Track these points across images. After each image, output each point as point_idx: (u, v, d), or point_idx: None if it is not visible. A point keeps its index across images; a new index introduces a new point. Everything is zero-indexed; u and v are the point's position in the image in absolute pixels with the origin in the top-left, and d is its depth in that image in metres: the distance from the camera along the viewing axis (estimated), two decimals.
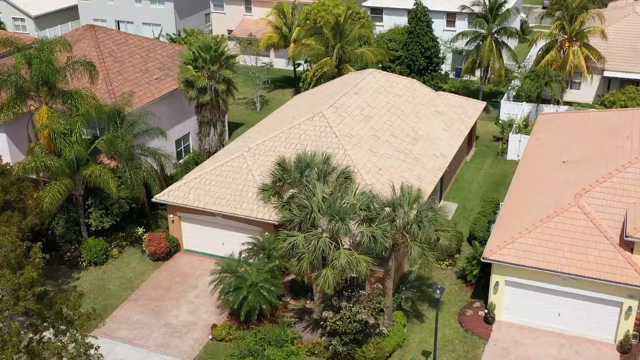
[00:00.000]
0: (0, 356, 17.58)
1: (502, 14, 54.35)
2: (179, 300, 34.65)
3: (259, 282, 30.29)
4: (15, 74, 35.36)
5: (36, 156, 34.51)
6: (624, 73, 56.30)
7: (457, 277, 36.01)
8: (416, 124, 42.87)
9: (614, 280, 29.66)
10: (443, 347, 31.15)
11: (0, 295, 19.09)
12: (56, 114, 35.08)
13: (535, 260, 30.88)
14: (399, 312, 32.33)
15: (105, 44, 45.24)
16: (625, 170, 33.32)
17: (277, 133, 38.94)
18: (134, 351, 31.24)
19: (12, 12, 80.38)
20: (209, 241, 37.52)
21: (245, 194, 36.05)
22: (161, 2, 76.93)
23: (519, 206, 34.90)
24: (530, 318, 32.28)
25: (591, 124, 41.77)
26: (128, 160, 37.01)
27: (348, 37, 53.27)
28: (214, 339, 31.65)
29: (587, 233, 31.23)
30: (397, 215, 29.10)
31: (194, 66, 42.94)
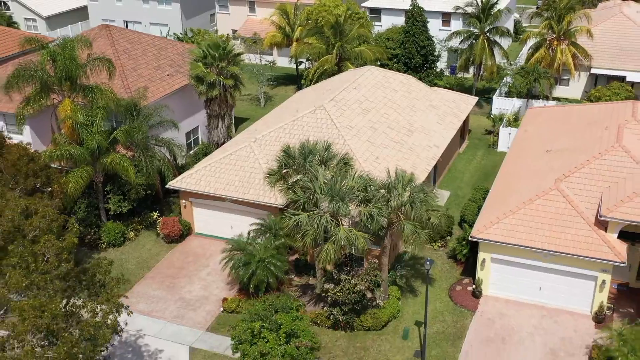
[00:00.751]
0: (48, 308, 20.54)
1: (493, 14, 57.30)
2: (192, 278, 37.65)
3: (267, 258, 33.28)
4: (41, 69, 38.35)
5: (60, 145, 37.46)
6: (610, 70, 59.22)
7: (448, 257, 38.98)
8: (411, 117, 45.85)
9: (589, 255, 32.61)
10: (434, 318, 34.12)
11: (46, 257, 22.11)
12: (78, 107, 38.07)
13: (519, 238, 33.86)
14: (394, 287, 35.31)
15: (120, 42, 48.25)
16: (602, 158, 36.27)
17: (282, 125, 41.92)
18: (152, 322, 34.23)
19: (24, 13, 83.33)
20: (218, 224, 40.49)
21: (253, 180, 39.03)
22: (168, 3, 79.89)
23: (505, 191, 37.90)
24: (514, 292, 35.23)
25: (574, 117, 44.74)
26: (144, 149, 39.98)
27: (348, 36, 56.23)
28: (225, 311, 34.66)
29: (565, 214, 34.20)
30: (391, 197, 32.08)
31: (204, 63, 45.95)
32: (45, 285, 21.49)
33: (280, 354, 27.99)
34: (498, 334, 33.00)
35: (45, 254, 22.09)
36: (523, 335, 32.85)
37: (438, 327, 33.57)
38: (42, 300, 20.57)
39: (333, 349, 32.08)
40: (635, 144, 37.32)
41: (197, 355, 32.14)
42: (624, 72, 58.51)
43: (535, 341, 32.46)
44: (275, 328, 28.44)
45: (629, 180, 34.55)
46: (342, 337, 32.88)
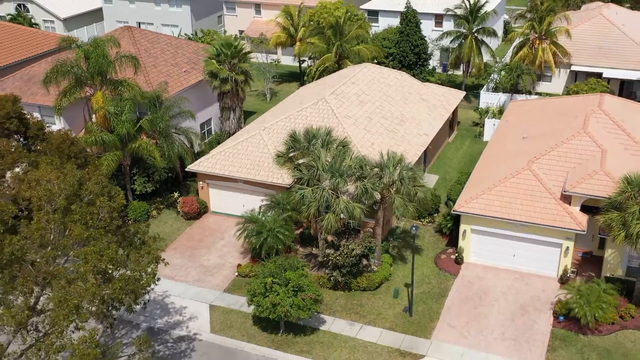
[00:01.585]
0: (106, 253, 25.63)
1: (481, 16, 62.49)
2: (210, 249, 42.82)
3: (276, 228, 38.42)
4: (76, 66, 43.53)
5: (94, 132, 42.63)
6: (589, 67, 64.38)
7: (435, 231, 44.14)
8: (404, 108, 51.01)
9: (555, 225, 37.77)
10: (421, 281, 39.26)
11: (100, 215, 27.20)
12: (110, 98, 43.26)
13: (495, 211, 39.01)
14: (387, 255, 40.45)
15: (141, 42, 53.42)
16: (569, 142, 41.46)
17: (288, 115, 47.08)
18: (176, 285, 39.40)
19: (42, 15, 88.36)
20: (232, 203, 45.62)
21: (262, 163, 44.17)
22: (179, 5, 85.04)
23: (485, 172, 43.09)
24: (491, 259, 40.38)
25: (550, 108, 49.91)
26: (165, 137, 45.14)
27: (347, 36, 61.39)
28: (239, 275, 39.83)
29: (535, 190, 39.35)
30: (383, 174, 37.22)
31: (217, 60, 51.12)
32: (100, 237, 26.63)
33: (288, 304, 33.14)
34: (476, 293, 38.16)
35: (100, 213, 27.24)
36: (497, 294, 38.00)
37: (424, 288, 38.71)
38: (101, 246, 25.72)
39: (333, 306, 37.24)
40: (599, 130, 42.49)
41: (216, 311, 37.33)
42: (601, 69, 63.65)
43: (508, 299, 37.61)
44: (284, 283, 33.59)
45: (590, 161, 39.73)
46: (341, 296, 38.05)
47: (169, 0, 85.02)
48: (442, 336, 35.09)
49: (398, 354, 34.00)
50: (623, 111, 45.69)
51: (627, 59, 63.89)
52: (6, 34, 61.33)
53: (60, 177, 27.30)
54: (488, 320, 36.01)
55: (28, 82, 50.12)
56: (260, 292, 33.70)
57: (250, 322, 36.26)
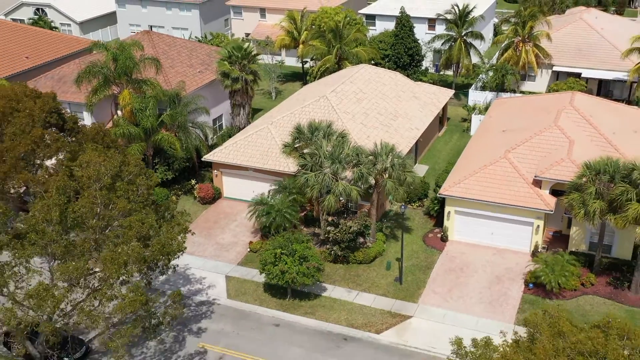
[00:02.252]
0: (146, 221, 31.08)
1: (469, 21, 67.93)
2: (224, 229, 48.33)
3: (283, 208, 43.91)
4: (106, 67, 49.03)
5: (121, 125, 48.12)
6: (569, 68, 69.86)
7: (424, 214, 49.63)
8: (397, 105, 56.50)
9: (527, 206, 43.26)
10: (410, 256, 44.75)
11: (140, 191, 32.64)
12: (135, 96, 48.76)
13: (475, 194, 44.50)
14: (381, 233, 45.95)
15: (159, 45, 58.94)
16: (541, 134, 46.95)
17: (292, 111, 52.55)
18: (196, 259, 44.89)
19: (60, 19, 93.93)
20: (243, 189, 51.08)
21: (270, 154, 49.65)
22: (188, 10, 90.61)
23: (467, 161, 48.60)
24: (472, 237, 45.86)
25: (529, 105, 55.39)
26: (183, 130, 50.63)
27: (346, 39, 66.87)
28: (251, 251, 45.35)
29: (510, 176, 44.83)
30: (377, 161, 42.72)
31: (229, 62, 56.57)
32: (140, 209, 32.12)
33: (295, 271, 38.62)
34: (458, 266, 43.68)
35: (139, 189, 32.73)
36: (477, 267, 43.51)
37: (413, 262, 44.22)
38: (142, 216, 31.19)
39: (334, 276, 42.75)
40: (568, 124, 47.98)
41: (231, 280, 42.85)
42: (580, 69, 69.16)
43: (486, 271, 43.12)
44: (291, 253, 39.07)
45: (559, 151, 45.23)
46: (340, 268, 43.57)
47: (179, 5, 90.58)
48: (427, 301, 40.60)
49: (389, 315, 39.50)
50: (592, 108, 51.17)
51: (604, 60, 69.31)
52: (33, 37, 66.83)
53: (106, 160, 32.82)
54: (467, 288, 41.53)
55: (59, 81, 55.65)
56: (270, 261, 39.20)
57: (261, 290, 41.79)
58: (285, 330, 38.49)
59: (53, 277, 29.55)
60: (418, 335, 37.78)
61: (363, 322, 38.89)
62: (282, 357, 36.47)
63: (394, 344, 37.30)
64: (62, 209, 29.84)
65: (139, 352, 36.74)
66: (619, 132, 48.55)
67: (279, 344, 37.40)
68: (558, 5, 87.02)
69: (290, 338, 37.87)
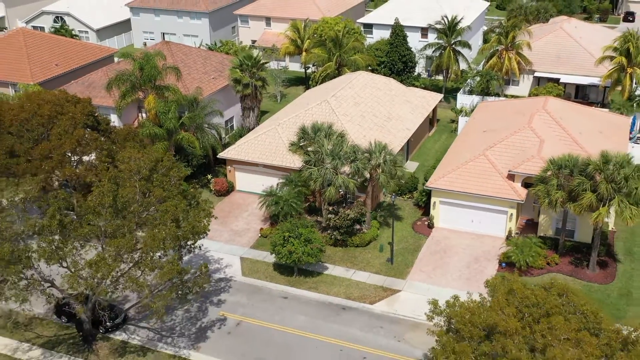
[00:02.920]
0: (179, 206, 37.58)
1: (457, 30, 74.56)
2: (237, 218, 54.94)
3: (290, 198, 50.53)
4: (133, 75, 55.63)
5: (147, 126, 54.70)
6: (549, 73, 76.52)
7: (413, 205, 56.21)
8: (390, 108, 63.11)
9: (501, 197, 49.86)
10: (400, 241, 51.33)
11: (172, 181, 39.20)
12: (159, 100, 55.36)
13: (457, 186, 51.09)
14: (375, 221, 52.53)
15: (177, 54, 65.55)
16: (516, 135, 53.54)
17: (297, 113, 59.14)
18: (213, 243, 51.39)
19: (78, 26, 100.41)
20: (253, 183, 57.63)
21: (277, 151, 56.20)
22: (198, 18, 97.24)
23: (451, 157, 55.22)
24: (455, 224, 52.43)
25: (508, 108, 62.00)
26: (201, 130, 57.23)
27: (345, 48, 73.47)
28: (262, 236, 51.95)
29: (488, 171, 51.42)
30: (371, 158, 49.34)
31: (240, 69, 63.17)
32: (173, 197, 38.72)
33: (301, 252, 45.23)
34: (442, 249, 50.30)
35: (172, 180, 39.35)
36: (458, 250, 50.12)
37: (403, 245, 50.84)
38: (175, 202, 37.81)
39: (334, 257, 49.35)
40: (540, 125, 54.58)
41: (245, 261, 49.48)
42: (559, 75, 75.82)
43: (466, 253, 49.72)
44: (298, 236, 45.68)
45: (530, 149, 51.84)
46: (339, 251, 50.18)
47: (189, 14, 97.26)
48: (414, 277, 47.22)
49: (381, 289, 46.12)
50: (563, 111, 57.79)
51: (581, 66, 75.95)
52: (60, 46, 73.43)
53: (144, 156, 39.47)
54: (449, 267, 48.15)
55: (88, 87, 62.31)
56: (280, 243, 45.82)
57: (271, 268, 48.43)
58: (292, 302, 45.12)
59: (104, 251, 36.13)
60: (405, 306, 44.40)
61: (359, 295, 45.52)
62: (290, 324, 43.07)
63: (385, 312, 43.93)
64: (114, 195, 36.46)
65: (169, 319, 43.35)
66: (585, 133, 55.16)
67: (287, 313, 44.02)
68: (542, 14, 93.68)
69: (296, 308, 44.50)
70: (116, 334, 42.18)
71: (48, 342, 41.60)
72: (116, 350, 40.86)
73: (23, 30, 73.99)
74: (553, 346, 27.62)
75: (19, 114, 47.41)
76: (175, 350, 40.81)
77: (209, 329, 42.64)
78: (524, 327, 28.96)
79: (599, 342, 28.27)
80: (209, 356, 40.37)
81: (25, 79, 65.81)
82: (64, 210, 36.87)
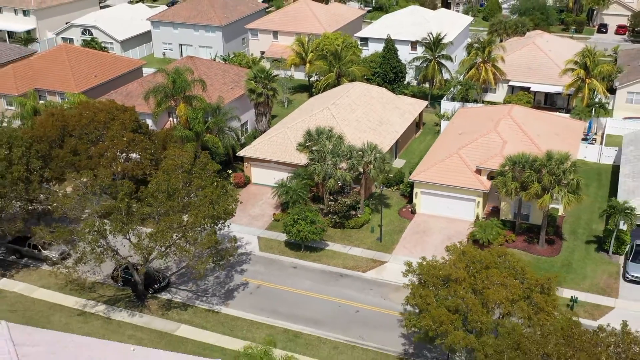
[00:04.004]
0: (215, 192, 48.87)
1: (441, 45, 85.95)
2: (254, 205, 66.32)
3: (298, 189, 61.86)
4: (166, 87, 66.97)
5: (179, 130, 66.01)
6: (521, 83, 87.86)
7: (400, 195, 67.60)
8: (382, 114, 74.46)
9: (470, 187, 61.22)
10: (389, 224, 62.67)
11: (208, 174, 50.48)
12: (189, 108, 66.68)
13: (435, 179, 62.43)
14: (367, 208, 63.91)
15: (200, 68, 76.88)
16: (484, 137, 64.90)
17: (303, 118, 70.46)
18: (235, 226, 62.42)
19: (104, 38, 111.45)
20: (266, 177, 68.90)
21: (287, 150, 67.50)
22: (213, 31, 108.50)
23: (431, 155, 66.64)
24: (433, 211, 63.74)
25: (481, 114, 73.38)
26: (222, 133, 68.56)
27: (344, 60, 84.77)
28: (275, 220, 63.34)
29: (460, 167, 62.75)
30: (364, 155, 60.69)
31: (254, 81, 74.52)
32: (209, 185, 50.04)
33: (307, 231, 56.57)
34: (422, 230, 61.69)
35: (207, 172, 50.71)
36: (435, 231, 61.48)
37: (390, 227, 62.21)
38: (211, 189, 49.12)
39: (333, 236, 60.72)
40: (505, 129, 65.90)
41: (261, 239, 60.86)
42: (529, 84, 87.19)
43: (441, 233, 61.07)
44: (304, 218, 57.03)
45: (495, 149, 63.19)
46: (337, 231, 61.52)
47: (205, 27, 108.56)
48: (398, 252, 58.58)
49: (372, 261, 57.47)
50: (525, 117, 69.18)
51: (549, 76, 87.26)
52: (97, 59, 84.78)
53: (185, 153, 50.84)
54: (427, 244, 59.50)
55: (127, 96, 73.65)
56: (290, 224, 57.19)
57: (283, 245, 59.80)
58: (300, 271, 56.50)
59: (160, 225, 47.47)
60: (390, 273, 55.73)
61: (353, 265, 56.92)
62: (298, 287, 54.42)
63: (374, 278, 55.33)
64: (167, 183, 47.87)
65: (203, 283, 54.72)
66: (542, 135, 66.50)
67: (296, 279, 55.38)
68: (520, 28, 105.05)
69: (303, 275, 55.88)
70: (162, 294, 53.60)
71: (109, 300, 53.03)
72: (163, 306, 52.29)
73: (65, 46, 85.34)
74: (489, 289, 38.98)
75: (80, 121, 58.74)
76: (209, 306, 52.22)
77: (235, 291, 54.05)
78: (470, 277, 40.32)
79: (523, 286, 39.63)
80: (236, 310, 51.79)
81: (71, 89, 77.10)
82: (129, 195, 48.27)
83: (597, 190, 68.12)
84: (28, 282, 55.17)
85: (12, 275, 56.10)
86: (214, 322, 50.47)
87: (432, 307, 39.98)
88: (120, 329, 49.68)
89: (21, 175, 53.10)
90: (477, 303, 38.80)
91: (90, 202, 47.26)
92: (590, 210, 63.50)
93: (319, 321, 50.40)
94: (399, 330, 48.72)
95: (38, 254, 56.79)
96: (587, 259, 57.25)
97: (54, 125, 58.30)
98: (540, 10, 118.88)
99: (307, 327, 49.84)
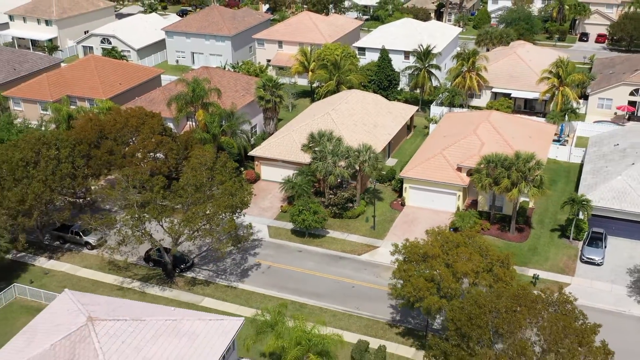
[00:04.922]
0: (232, 185, 58.15)
1: (430, 56, 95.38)
2: (263, 199, 75.76)
3: (302, 184, 71.26)
4: (187, 94, 76.35)
5: (198, 133, 75.39)
6: (503, 89, 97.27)
7: (392, 190, 77.07)
8: (376, 118, 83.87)
9: (452, 182, 70.64)
10: (382, 214, 72.08)
11: (227, 170, 59.82)
12: (206, 113, 76.08)
13: (422, 175, 71.81)
14: (363, 200, 73.33)
15: (214, 77, 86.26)
16: (464, 139, 74.32)
17: (306, 122, 79.84)
18: (248, 217, 71.78)
19: (121, 46, 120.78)
20: (274, 174, 78.27)
21: (292, 150, 76.87)
22: (222, 41, 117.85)
23: (419, 155, 76.09)
24: (421, 203, 73.16)
25: (464, 118, 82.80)
26: (235, 135, 77.96)
27: (343, 69, 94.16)
28: (282, 211, 72.76)
29: (443, 165, 72.18)
30: (360, 155, 70.11)
31: (263, 89, 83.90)
32: (228, 180, 59.41)
33: (310, 219, 65.99)
34: (410, 219, 71.14)
35: (227, 169, 60.10)
36: (422, 220, 70.88)
37: (383, 217, 71.63)
38: (231, 183, 58.51)
39: (333, 225, 70.14)
40: (483, 132, 75.32)
41: (271, 228, 70.29)
42: (510, 91, 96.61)
43: (427, 222, 70.38)
44: (308, 209, 66.46)
45: (473, 149, 72.60)
46: (337, 221, 70.93)
47: (215, 37, 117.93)
48: (389, 239, 67.96)
49: (366, 246, 66.93)
50: (502, 121, 78.60)
51: (529, 83, 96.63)
52: (121, 68, 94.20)
53: (207, 152, 60.27)
54: (415, 232, 68.82)
55: (150, 102, 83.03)
56: (296, 214, 66.65)
57: (289, 232, 69.26)
58: (305, 254, 65.94)
59: (189, 213, 56.83)
60: (382, 256, 65.13)
61: (350, 249, 66.39)
62: (304, 267, 63.83)
63: (368, 260, 64.80)
64: (195, 178, 57.30)
65: (222, 264, 64.16)
66: (517, 137, 75.90)
67: (301, 260, 64.80)
68: (505, 38, 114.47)
69: (308, 257, 65.32)
70: (188, 273, 63.03)
71: (143, 278, 62.46)
72: (189, 282, 61.72)
73: (93, 57, 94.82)
74: (457, 262, 48.43)
75: (114, 125, 68.19)
76: (228, 283, 61.67)
77: (249, 270, 63.51)
78: (443, 253, 49.78)
79: (485, 260, 49.10)
80: (251, 286, 61.26)
81: (99, 95, 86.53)
82: (162, 188, 57.72)
83: (565, 186, 77.58)
84: (72, 263, 64.64)
85: (58, 257, 65.56)
86: (232, 296, 59.92)
87: (413, 278, 49.43)
88: (154, 300, 59.11)
89: (68, 172, 62.57)
90: (449, 274, 48.21)
91: (131, 194, 56.67)
92: (557, 203, 72.89)
93: (321, 295, 59.82)
94: (388, 302, 58.14)
95: (80, 239, 66.25)
96: (550, 244, 66.73)
97: (92, 129, 67.73)
98: (526, 20, 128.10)
99: (310, 299, 59.27)
